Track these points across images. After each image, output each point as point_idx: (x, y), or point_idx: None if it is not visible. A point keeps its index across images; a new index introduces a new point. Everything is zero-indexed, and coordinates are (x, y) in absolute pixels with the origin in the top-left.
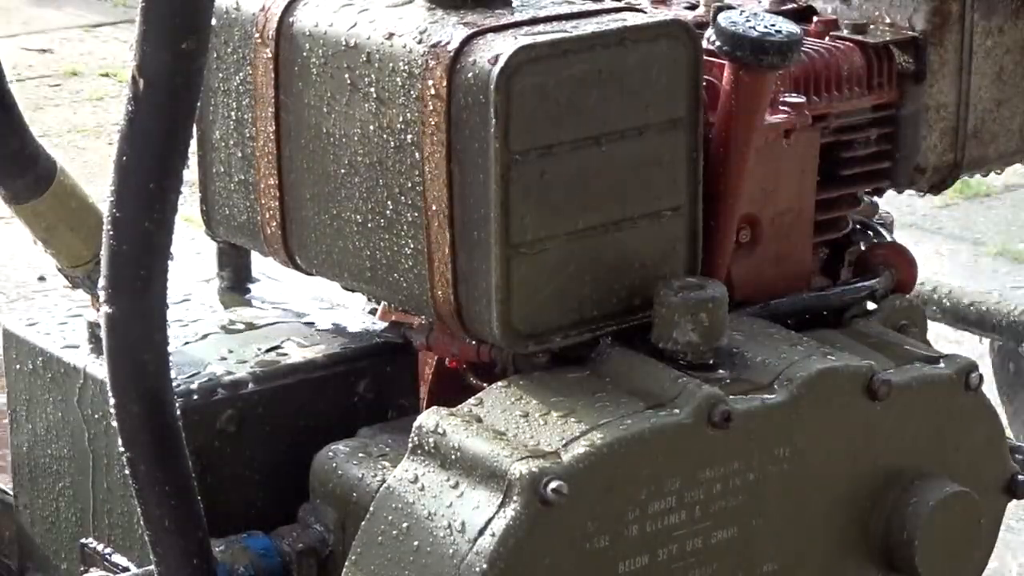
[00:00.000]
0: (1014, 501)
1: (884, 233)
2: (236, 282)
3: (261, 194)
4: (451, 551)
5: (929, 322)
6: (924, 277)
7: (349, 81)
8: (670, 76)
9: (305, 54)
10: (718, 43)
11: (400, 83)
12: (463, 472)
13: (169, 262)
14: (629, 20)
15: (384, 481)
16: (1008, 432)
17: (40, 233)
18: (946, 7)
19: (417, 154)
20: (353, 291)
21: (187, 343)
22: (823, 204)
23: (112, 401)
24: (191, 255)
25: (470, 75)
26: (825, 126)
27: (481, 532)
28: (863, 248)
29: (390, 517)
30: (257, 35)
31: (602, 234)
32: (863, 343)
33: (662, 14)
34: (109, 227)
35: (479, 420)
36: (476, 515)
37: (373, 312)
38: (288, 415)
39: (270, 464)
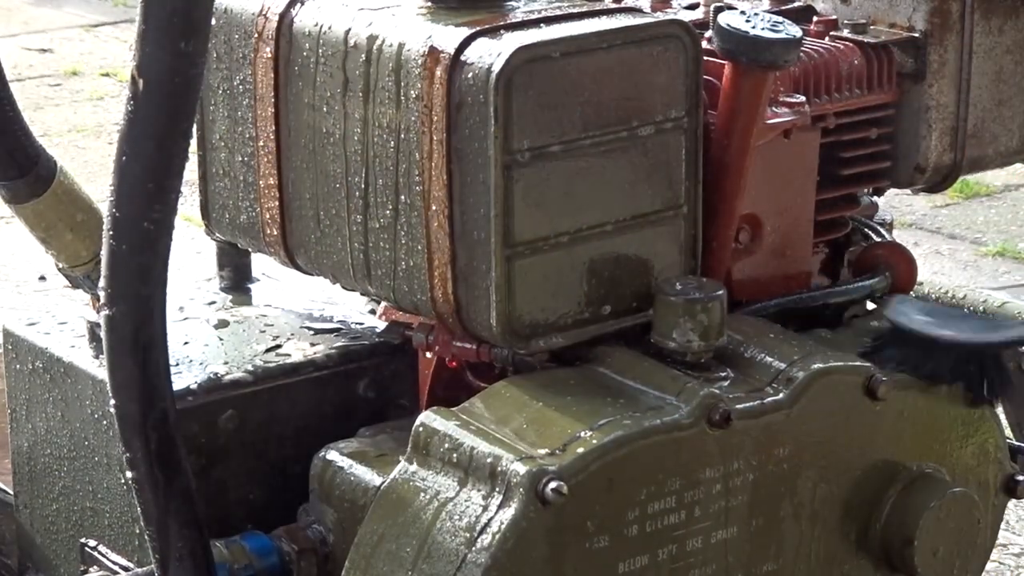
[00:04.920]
0: (1013, 501)
1: (883, 233)
2: (236, 282)
3: (261, 194)
4: (450, 551)
5: None
6: (924, 277)
7: (349, 81)
8: (670, 76)
9: (305, 54)
10: (718, 43)
11: (400, 83)
12: (462, 472)
13: (168, 262)
14: (629, 20)
15: (383, 481)
16: (1008, 432)
17: (40, 233)
18: (946, 7)
19: (417, 154)
20: (353, 291)
21: (187, 343)
22: (823, 204)
23: (112, 401)
24: (191, 255)
25: (470, 75)
26: (825, 126)
27: (480, 532)
28: (863, 248)
29: (389, 517)
30: (257, 35)
31: (601, 234)
32: (863, 343)
33: (662, 14)
34: (109, 227)
35: (479, 420)
36: (475, 515)
37: (373, 312)
38: (288, 415)
39: (270, 464)
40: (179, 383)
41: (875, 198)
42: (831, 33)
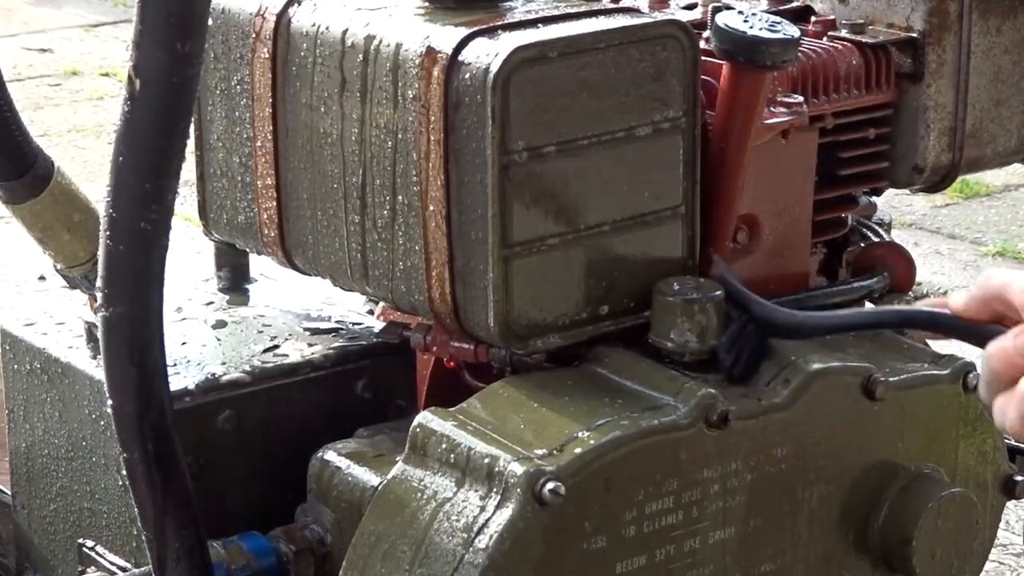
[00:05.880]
0: (1012, 501)
1: (882, 233)
2: (234, 282)
3: (259, 194)
4: (448, 551)
5: None
6: (924, 277)
7: (346, 81)
8: (668, 76)
9: (303, 54)
10: (716, 43)
11: (397, 83)
12: (460, 472)
13: (166, 262)
14: (626, 21)
15: (381, 481)
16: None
17: (37, 233)
18: (944, 7)
19: (414, 154)
20: (351, 291)
21: (185, 343)
22: (821, 204)
23: (109, 402)
24: (190, 255)
25: (467, 75)
26: (823, 126)
27: (478, 533)
28: (861, 248)
29: (387, 517)
30: (254, 35)
31: (599, 234)
32: (861, 343)
33: (660, 15)
34: (106, 227)
35: (476, 420)
36: (473, 516)
37: (371, 312)
38: (286, 415)
39: (268, 464)
40: (177, 383)
41: (873, 198)
42: (829, 33)
